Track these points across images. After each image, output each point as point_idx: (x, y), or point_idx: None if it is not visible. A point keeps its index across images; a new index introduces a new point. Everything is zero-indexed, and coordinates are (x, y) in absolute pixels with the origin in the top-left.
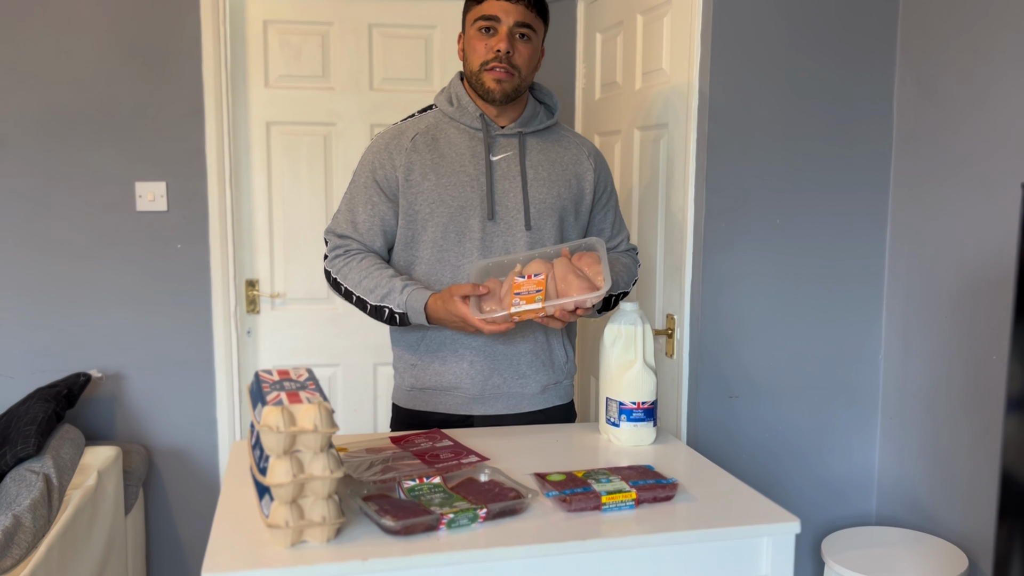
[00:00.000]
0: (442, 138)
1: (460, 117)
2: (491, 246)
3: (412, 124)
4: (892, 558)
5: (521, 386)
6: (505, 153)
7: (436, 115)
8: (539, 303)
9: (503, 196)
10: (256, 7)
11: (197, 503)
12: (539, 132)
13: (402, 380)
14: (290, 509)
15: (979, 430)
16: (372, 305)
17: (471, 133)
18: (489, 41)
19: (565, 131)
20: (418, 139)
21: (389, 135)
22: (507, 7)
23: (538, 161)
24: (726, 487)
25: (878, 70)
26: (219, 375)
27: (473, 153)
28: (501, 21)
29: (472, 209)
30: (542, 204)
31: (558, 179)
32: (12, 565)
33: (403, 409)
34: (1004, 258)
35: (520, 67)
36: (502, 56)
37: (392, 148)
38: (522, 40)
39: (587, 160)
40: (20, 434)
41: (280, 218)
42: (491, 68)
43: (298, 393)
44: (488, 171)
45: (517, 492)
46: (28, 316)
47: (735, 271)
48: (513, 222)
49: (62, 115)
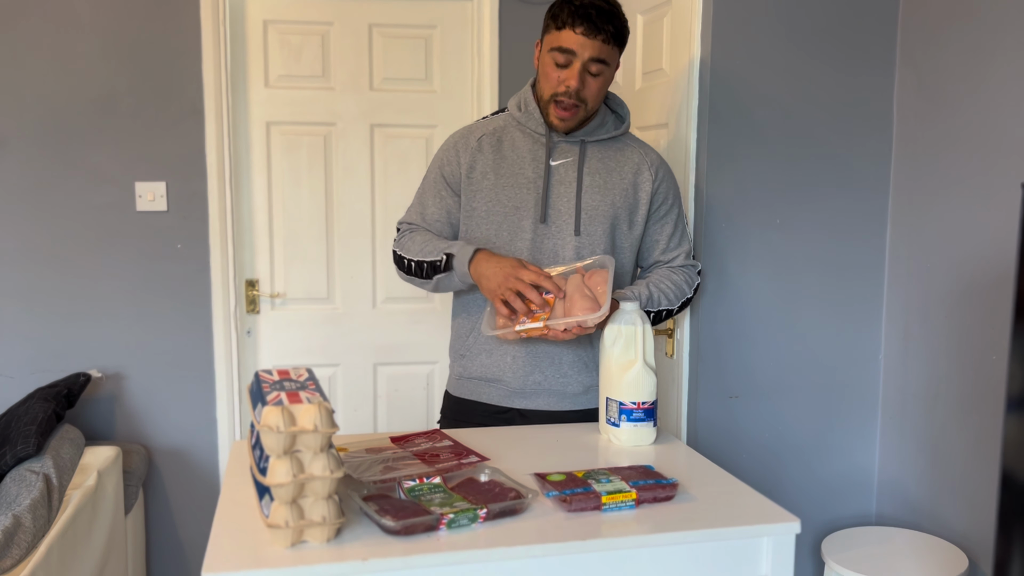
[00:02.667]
0: (507, 140)
1: (527, 122)
2: (541, 247)
3: (482, 125)
4: (892, 558)
5: (563, 385)
6: (565, 159)
7: (506, 118)
8: (541, 322)
9: (557, 200)
10: (256, 7)
11: (197, 503)
12: (603, 141)
13: (452, 369)
14: (290, 509)
15: (979, 430)
16: (428, 262)
17: (535, 138)
18: (561, 74)
19: (632, 141)
20: (484, 140)
21: (460, 134)
22: (584, 42)
23: (596, 169)
24: (726, 487)
25: (878, 70)
26: (219, 375)
27: (534, 157)
28: (576, 56)
29: (526, 211)
30: (593, 211)
31: (614, 187)
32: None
33: (453, 397)
34: (1004, 258)
35: (588, 100)
36: (571, 92)
37: (460, 146)
38: (593, 76)
39: (648, 170)
40: (20, 434)
41: (280, 218)
42: (559, 102)
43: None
44: (546, 175)
45: (517, 492)
46: (28, 316)
47: (735, 271)
48: (564, 226)
49: (62, 115)
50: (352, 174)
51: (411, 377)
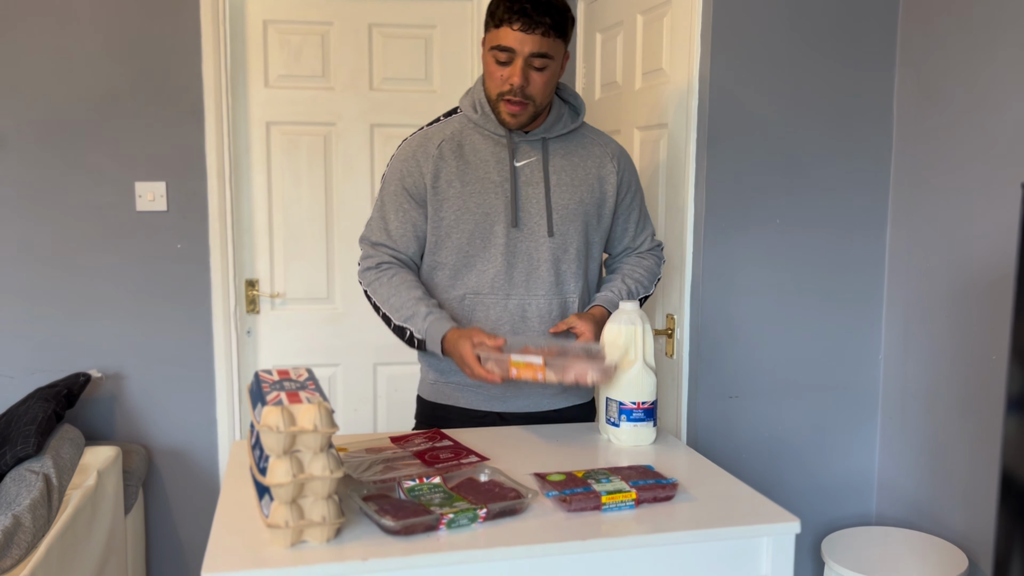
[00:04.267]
0: (467, 144)
1: (485, 124)
2: (515, 251)
3: (438, 130)
4: (892, 558)
5: (542, 385)
6: (529, 159)
7: (461, 120)
8: (539, 360)
9: (526, 202)
10: (256, 7)
11: (197, 503)
12: (563, 136)
13: (427, 373)
14: (290, 509)
15: (979, 430)
16: (395, 324)
17: (496, 139)
18: (504, 72)
19: (591, 132)
20: (444, 146)
21: (416, 142)
22: (522, 38)
23: (561, 166)
24: (726, 487)
25: (878, 70)
26: (219, 375)
27: (498, 159)
28: (516, 53)
29: (497, 216)
30: (564, 210)
31: (580, 184)
32: (12, 565)
33: (427, 402)
34: (1004, 258)
35: (535, 96)
36: (516, 90)
37: (419, 155)
38: (537, 71)
39: (611, 162)
40: (20, 434)
41: (280, 218)
42: (506, 100)
43: (298, 393)
44: (512, 177)
45: (517, 492)
46: (28, 316)
47: (735, 271)
48: (536, 228)
49: (62, 115)
50: (352, 174)
51: (411, 377)
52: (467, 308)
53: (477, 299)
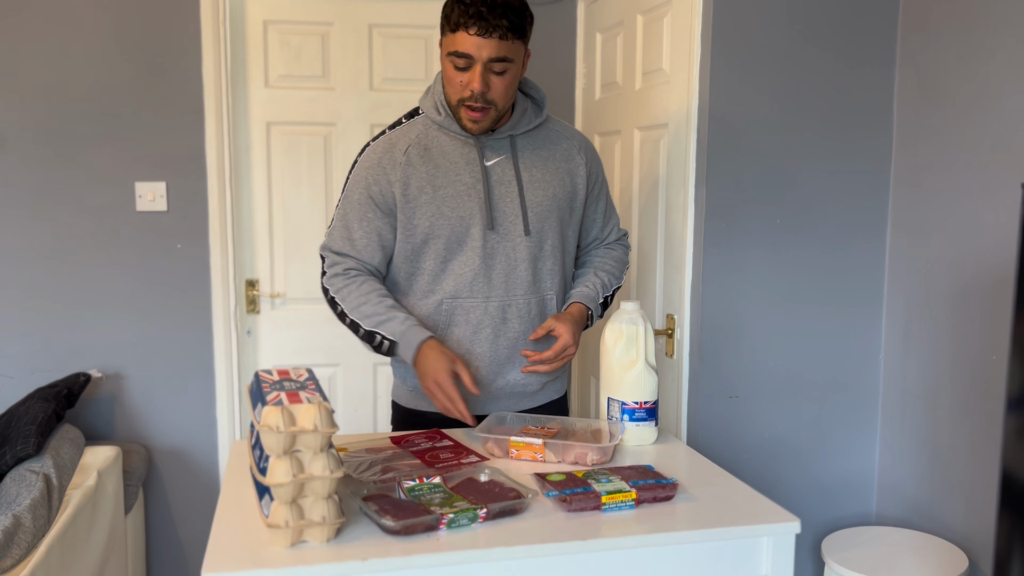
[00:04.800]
0: (434, 147)
1: (449, 125)
2: (493, 253)
3: (402, 134)
4: (892, 558)
5: (523, 386)
6: (498, 157)
7: (425, 122)
8: (539, 442)
9: (500, 202)
10: (256, 7)
11: (197, 503)
12: (530, 132)
13: (404, 379)
14: (290, 509)
15: (979, 430)
16: (365, 330)
17: (463, 139)
18: (463, 77)
19: (556, 125)
20: (411, 151)
21: (380, 148)
22: (480, 43)
23: (531, 162)
24: (726, 487)
25: (878, 69)
26: (219, 375)
27: (467, 160)
28: (475, 58)
29: (472, 218)
30: (539, 207)
31: (552, 179)
32: (12, 565)
33: (404, 408)
34: (1004, 258)
35: (496, 101)
36: (476, 96)
37: (386, 163)
38: (498, 75)
39: (578, 155)
40: (20, 434)
41: (280, 218)
42: (467, 106)
43: (298, 393)
44: (484, 178)
45: (517, 492)
46: (28, 316)
47: (735, 271)
48: (512, 228)
49: (62, 115)
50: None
51: None
52: (445, 313)
53: (456, 303)
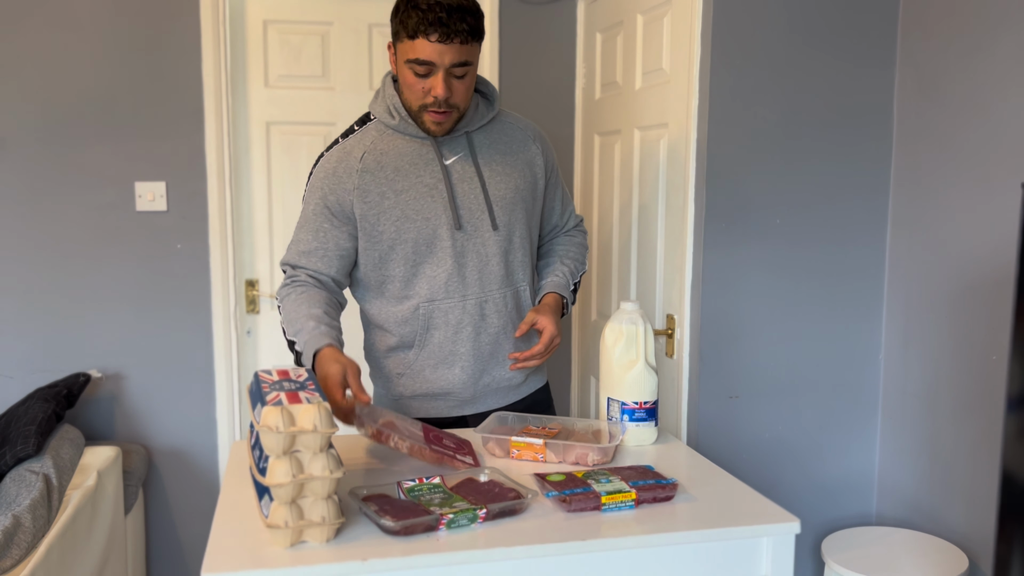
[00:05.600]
0: (391, 151)
1: (404, 128)
2: (463, 251)
3: (356, 142)
4: (892, 558)
5: (508, 380)
6: (456, 155)
7: (378, 127)
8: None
9: (464, 199)
10: (256, 7)
11: (197, 503)
12: (484, 126)
13: (386, 391)
14: (290, 509)
15: (979, 430)
16: (288, 338)
17: (419, 141)
18: (424, 84)
19: (508, 117)
20: (367, 158)
21: (335, 158)
22: (442, 49)
23: (490, 157)
24: (726, 487)
25: (878, 70)
26: (219, 375)
27: (426, 161)
28: (436, 65)
29: (438, 218)
30: (503, 200)
31: (512, 171)
32: (12, 565)
33: None
34: (1004, 258)
35: (459, 103)
36: (440, 102)
37: (340, 172)
38: (459, 79)
39: (534, 145)
40: (20, 434)
41: (280, 218)
42: (430, 111)
43: (297, 393)
44: (445, 177)
45: (517, 492)
46: (28, 316)
47: (735, 271)
48: (480, 224)
49: (62, 115)
50: None
51: None
52: (423, 317)
53: (433, 306)
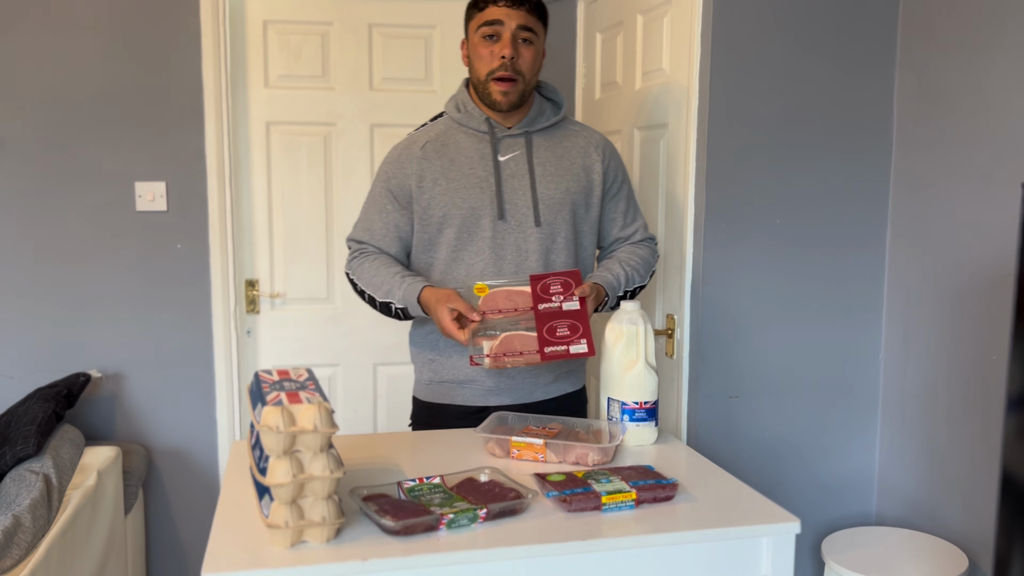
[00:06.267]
0: (451, 144)
1: (467, 122)
2: (503, 244)
3: (423, 133)
4: (892, 558)
5: (535, 376)
6: (513, 153)
7: (446, 122)
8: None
9: (512, 195)
10: (256, 7)
11: (197, 503)
12: (546, 129)
13: (421, 374)
14: (290, 509)
15: (979, 430)
16: (379, 301)
17: (479, 136)
18: (493, 47)
19: (574, 125)
20: (428, 147)
21: (402, 145)
22: (509, 12)
23: (546, 158)
24: (726, 487)
25: (878, 70)
26: (219, 375)
27: (481, 156)
28: (504, 25)
29: (483, 210)
30: (551, 200)
31: (566, 173)
32: (12, 565)
33: (422, 402)
34: (1004, 258)
35: (524, 72)
36: (507, 63)
37: (404, 158)
38: (525, 44)
39: (595, 152)
40: (20, 434)
41: (280, 218)
42: (497, 78)
43: (298, 393)
44: (496, 172)
45: (517, 492)
46: (28, 316)
47: (735, 271)
48: (523, 219)
49: (62, 115)
50: (352, 174)
51: (411, 377)
52: None
53: (467, 292)
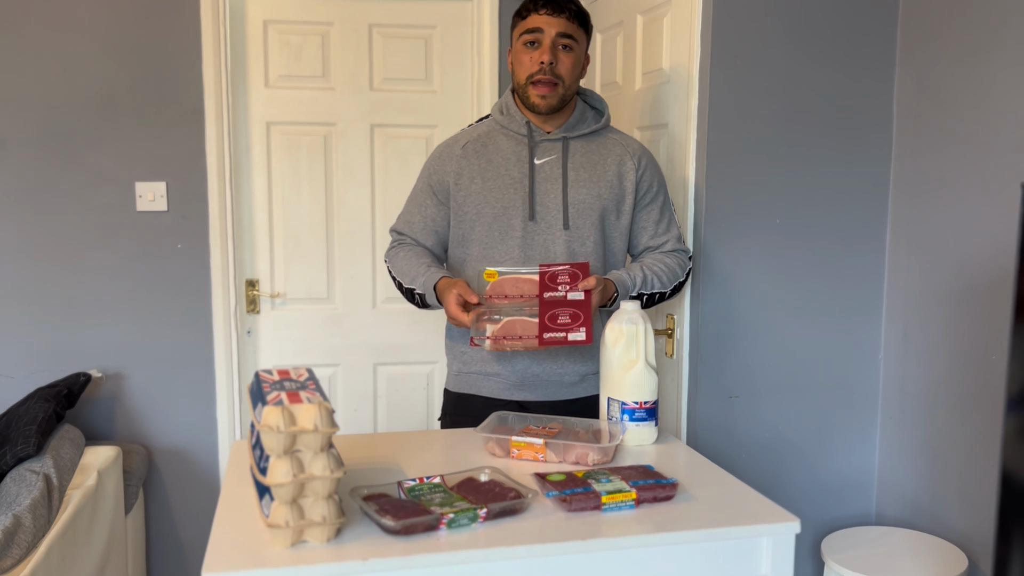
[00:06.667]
0: (491, 145)
1: (508, 125)
2: (531, 244)
3: (467, 133)
4: (892, 558)
5: (560, 375)
6: (549, 157)
7: (490, 124)
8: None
9: (544, 197)
10: (256, 7)
11: (197, 503)
12: (585, 136)
13: (452, 366)
14: (290, 509)
15: (979, 430)
16: (405, 287)
17: (518, 139)
18: (534, 54)
19: (614, 133)
20: (469, 146)
21: (446, 143)
22: (550, 19)
23: (580, 163)
24: (726, 487)
25: (878, 70)
26: (219, 375)
27: (518, 158)
28: (544, 32)
29: (515, 210)
30: (580, 204)
31: (599, 180)
32: (12, 565)
33: (452, 393)
34: (1004, 258)
35: (563, 76)
36: (546, 68)
37: (445, 156)
38: (565, 51)
39: (631, 160)
40: (20, 434)
41: (280, 218)
42: (536, 82)
43: (298, 393)
44: (531, 174)
45: (517, 492)
46: (28, 316)
47: (735, 271)
48: (553, 221)
49: (62, 116)
50: (352, 174)
51: (411, 377)
52: None
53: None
